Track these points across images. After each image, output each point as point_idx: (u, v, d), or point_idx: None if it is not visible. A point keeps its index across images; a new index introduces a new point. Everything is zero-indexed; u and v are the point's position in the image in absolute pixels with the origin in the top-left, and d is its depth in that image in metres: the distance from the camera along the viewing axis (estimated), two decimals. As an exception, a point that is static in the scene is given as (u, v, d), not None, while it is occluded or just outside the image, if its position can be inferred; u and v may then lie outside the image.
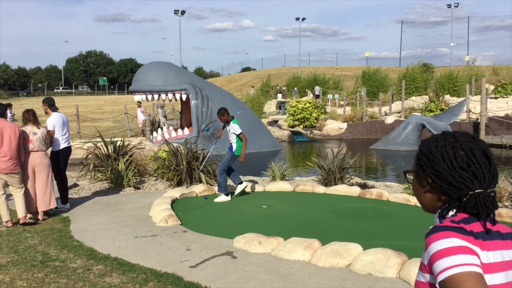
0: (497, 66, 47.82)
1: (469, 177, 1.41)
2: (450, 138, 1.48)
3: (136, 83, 15.47)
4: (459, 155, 1.43)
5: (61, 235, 6.23)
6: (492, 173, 1.43)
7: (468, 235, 1.33)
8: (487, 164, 1.44)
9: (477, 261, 1.29)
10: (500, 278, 1.36)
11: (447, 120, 17.72)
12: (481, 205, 1.37)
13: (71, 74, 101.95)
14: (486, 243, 1.36)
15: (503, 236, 1.43)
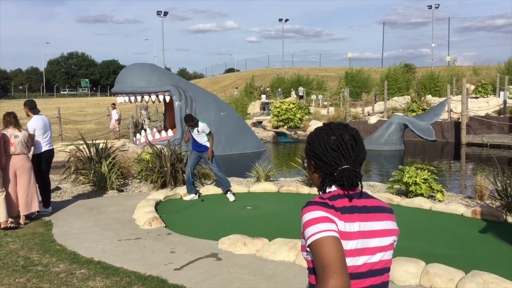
0: (478, 66, 48.53)
1: (338, 157, 1.74)
2: (326, 127, 1.82)
3: (118, 85, 15.35)
4: (331, 139, 1.76)
5: (43, 239, 6.15)
6: (357, 153, 1.75)
7: (330, 208, 1.64)
8: (354, 146, 1.75)
9: (335, 228, 1.60)
10: (354, 244, 1.63)
11: (429, 120, 17.93)
12: (346, 177, 1.70)
13: (53, 76, 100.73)
14: (345, 215, 1.65)
15: (368, 209, 1.71)
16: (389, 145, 17.90)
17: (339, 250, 1.54)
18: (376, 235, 1.68)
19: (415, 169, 8.46)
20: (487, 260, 5.09)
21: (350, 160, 1.74)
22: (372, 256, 1.67)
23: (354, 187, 1.74)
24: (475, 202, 8.08)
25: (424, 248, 5.50)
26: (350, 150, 1.75)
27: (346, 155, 1.74)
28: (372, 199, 1.77)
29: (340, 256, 1.52)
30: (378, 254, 1.68)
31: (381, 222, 1.72)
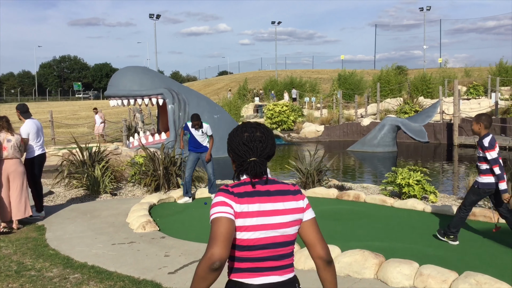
0: (469, 68, 48.82)
1: (247, 150, 2.05)
2: (242, 126, 2.13)
3: (111, 88, 15.30)
4: (244, 136, 2.07)
5: (37, 243, 6.11)
6: (263, 148, 2.07)
7: (230, 194, 1.97)
8: (262, 142, 2.07)
9: (228, 210, 1.94)
10: (253, 221, 1.96)
11: (421, 121, 18.03)
12: (251, 168, 2.02)
13: (45, 80, 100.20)
14: (243, 199, 1.97)
15: (270, 193, 2.03)
16: (382, 147, 17.96)
17: (226, 227, 1.90)
18: (277, 214, 2.00)
19: (408, 170, 8.50)
20: (480, 261, 5.12)
21: (257, 154, 2.06)
22: (274, 230, 1.99)
23: (259, 176, 2.06)
24: (468, 203, 8.12)
25: (417, 249, 5.53)
26: (258, 145, 2.06)
27: (254, 149, 2.06)
28: (277, 184, 2.08)
29: (225, 233, 1.89)
30: (280, 229, 2.00)
31: (282, 203, 2.03)
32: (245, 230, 1.96)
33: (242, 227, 1.96)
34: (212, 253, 1.85)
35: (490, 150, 5.37)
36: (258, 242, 1.97)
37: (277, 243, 2.00)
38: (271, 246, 1.99)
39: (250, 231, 1.97)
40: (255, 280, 1.99)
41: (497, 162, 5.34)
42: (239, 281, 2.02)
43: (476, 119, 5.62)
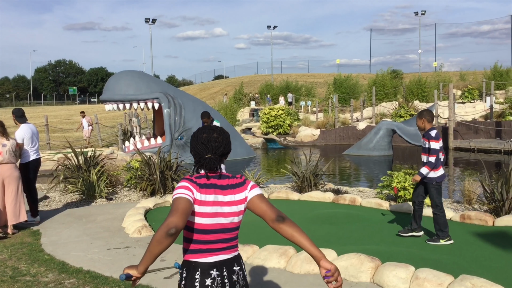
0: (464, 71, 49.03)
1: (204, 148, 2.42)
2: (201, 128, 2.49)
3: (107, 92, 15.28)
4: (202, 136, 2.44)
5: (32, 248, 6.08)
6: (217, 147, 2.42)
7: (193, 182, 2.34)
8: (217, 141, 2.43)
9: (189, 194, 2.29)
10: (209, 209, 2.34)
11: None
12: (207, 163, 2.39)
13: (40, 84, 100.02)
14: (203, 189, 2.34)
15: (223, 187, 2.40)
16: (378, 151, 18.00)
17: (185, 205, 2.24)
18: (228, 204, 2.39)
19: (403, 174, 8.52)
20: (476, 264, 5.13)
21: (212, 151, 2.42)
22: (226, 218, 2.38)
23: (214, 171, 2.42)
24: (463, 206, 8.15)
25: (413, 253, 5.54)
26: (214, 145, 2.43)
27: (210, 147, 2.42)
28: (228, 179, 2.45)
29: (183, 208, 2.22)
30: (230, 217, 2.39)
31: (233, 195, 2.41)
32: (201, 216, 2.34)
33: (199, 213, 2.34)
34: (171, 221, 2.17)
35: (435, 140, 5.74)
36: (211, 227, 2.36)
37: (226, 228, 2.40)
38: (221, 231, 2.38)
39: (205, 217, 2.35)
40: (207, 259, 2.37)
41: (437, 153, 5.74)
42: (194, 260, 2.38)
43: (419, 115, 5.94)
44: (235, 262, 2.44)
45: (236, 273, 2.43)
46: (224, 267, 2.39)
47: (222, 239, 2.40)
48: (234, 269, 2.42)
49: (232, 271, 2.41)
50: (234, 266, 2.43)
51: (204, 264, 2.37)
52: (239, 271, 2.45)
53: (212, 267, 2.37)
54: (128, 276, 2.28)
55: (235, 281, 2.41)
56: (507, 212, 7.10)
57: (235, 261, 2.45)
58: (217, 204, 2.36)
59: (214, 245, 2.38)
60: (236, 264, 2.45)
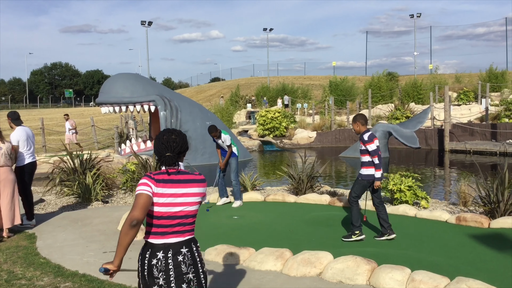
0: (460, 74, 49.21)
1: (165, 148, 2.83)
2: (163, 131, 2.91)
3: (103, 95, 15.25)
4: (162, 138, 2.86)
5: (27, 252, 6.06)
6: (175, 147, 2.84)
7: (151, 179, 2.75)
8: (175, 142, 2.85)
9: (148, 189, 2.71)
10: (166, 200, 2.75)
11: (412, 127, 18.12)
12: (166, 161, 2.82)
13: (36, 87, 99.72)
14: (160, 184, 2.74)
15: (181, 181, 2.81)
16: (374, 153, 18.01)
17: (144, 200, 2.69)
18: (183, 196, 2.80)
19: (399, 176, 8.54)
20: (471, 266, 5.14)
21: (171, 150, 2.84)
22: (180, 207, 2.78)
23: (173, 167, 2.85)
24: (459, 208, 8.17)
25: (409, 255, 5.54)
26: (172, 145, 2.84)
27: (169, 147, 2.84)
28: (186, 175, 2.86)
29: (143, 203, 2.68)
30: (183, 207, 2.80)
31: (188, 189, 2.82)
32: (159, 205, 2.75)
33: (158, 203, 2.75)
34: (133, 214, 2.65)
35: (369, 143, 6.03)
36: (167, 215, 2.77)
37: (180, 216, 2.79)
38: (176, 217, 2.78)
39: (162, 207, 2.76)
40: (158, 241, 2.77)
41: (376, 153, 6.02)
42: (148, 241, 2.80)
43: (353, 120, 6.28)
44: (183, 245, 2.79)
45: (183, 254, 2.77)
46: (170, 249, 2.76)
47: (177, 225, 2.79)
48: (181, 251, 2.77)
49: (178, 252, 2.77)
50: (181, 248, 2.77)
51: (155, 245, 2.77)
52: (187, 252, 2.79)
53: (160, 249, 2.75)
54: (106, 270, 2.71)
55: (180, 261, 2.76)
56: (503, 214, 7.12)
57: (184, 244, 2.79)
58: (173, 196, 2.78)
59: (168, 229, 2.78)
60: (185, 247, 2.79)
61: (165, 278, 2.72)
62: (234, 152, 8.70)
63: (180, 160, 2.91)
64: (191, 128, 15.68)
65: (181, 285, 2.74)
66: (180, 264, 2.74)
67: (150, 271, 2.74)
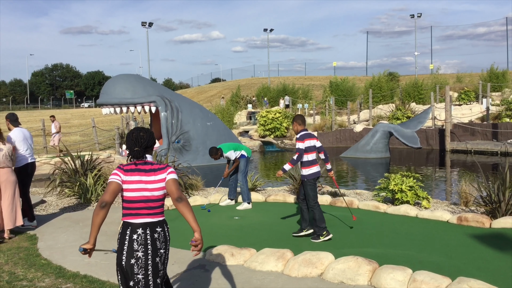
0: (461, 74, 49.16)
1: (133, 143, 3.32)
2: (132, 129, 3.41)
3: (104, 96, 15.26)
4: (132, 135, 3.36)
5: (28, 253, 6.06)
6: (142, 142, 3.33)
7: (121, 169, 3.27)
8: (143, 138, 3.34)
9: (118, 178, 3.23)
10: (134, 186, 3.25)
11: (413, 127, 18.11)
12: (134, 154, 3.33)
13: (37, 88, 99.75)
14: (128, 173, 3.26)
15: (146, 170, 3.30)
16: (375, 153, 18.02)
17: (113, 186, 3.22)
18: (149, 183, 3.28)
19: (400, 176, 8.53)
20: (473, 267, 5.14)
21: (139, 145, 3.34)
22: (147, 192, 3.27)
23: (141, 159, 3.35)
24: (460, 208, 8.16)
25: (410, 255, 5.54)
26: (140, 140, 3.35)
27: (137, 143, 3.34)
28: (152, 165, 3.35)
29: (112, 188, 3.20)
30: (150, 192, 3.27)
31: (153, 176, 3.30)
32: (128, 191, 3.27)
33: (128, 189, 3.26)
34: (103, 198, 3.16)
35: (299, 141, 6.33)
36: (136, 199, 3.27)
37: (148, 200, 3.28)
38: (145, 201, 3.27)
39: (131, 192, 3.27)
40: (135, 221, 3.26)
41: (299, 151, 6.32)
42: (126, 221, 3.29)
43: (292, 120, 6.61)
44: (158, 225, 3.30)
45: (158, 232, 3.29)
46: (148, 227, 3.26)
47: (146, 207, 3.28)
48: (157, 230, 3.28)
49: (154, 230, 3.28)
50: (157, 228, 3.29)
51: (133, 224, 3.25)
52: (161, 231, 3.31)
53: (139, 226, 3.24)
54: (84, 249, 3.12)
55: (156, 238, 3.28)
56: (504, 214, 7.11)
57: (158, 224, 3.30)
58: (140, 183, 3.27)
59: (140, 211, 3.27)
60: (159, 227, 3.30)
61: (143, 251, 3.21)
62: (243, 154, 8.56)
63: (147, 153, 3.40)
64: (191, 129, 15.69)
65: (155, 259, 3.24)
66: (155, 241, 3.26)
67: (131, 245, 3.21)
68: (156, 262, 3.23)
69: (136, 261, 3.18)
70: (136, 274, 3.19)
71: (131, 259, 3.18)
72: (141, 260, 3.19)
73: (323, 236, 6.31)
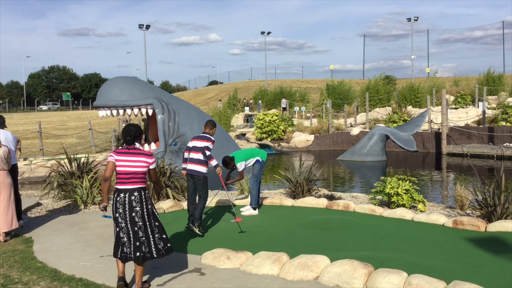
0: (458, 77, 49.30)
1: (126, 134, 4.86)
2: (127, 125, 4.93)
3: (100, 98, 15.23)
4: (126, 129, 4.88)
5: (24, 256, 6.05)
6: (132, 134, 4.85)
7: (115, 152, 4.84)
8: (132, 131, 4.85)
9: (112, 158, 4.77)
10: (122, 163, 4.75)
11: (410, 130, 18.15)
12: (127, 141, 4.85)
13: (33, 90, 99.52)
14: (120, 154, 4.78)
15: (134, 153, 4.79)
16: (372, 156, 18.05)
17: (110, 164, 4.73)
18: (134, 161, 4.72)
19: (396, 180, 8.55)
20: (468, 270, 5.15)
21: (130, 135, 4.83)
22: (132, 168, 4.71)
23: (131, 146, 4.83)
24: (456, 212, 8.18)
25: (406, 258, 5.55)
26: (131, 132, 4.83)
27: (129, 133, 4.82)
28: (139, 150, 4.80)
29: (110, 166, 4.74)
30: (134, 168, 4.71)
31: (138, 157, 4.75)
32: (120, 166, 4.74)
33: (119, 165, 4.73)
34: (104, 174, 4.72)
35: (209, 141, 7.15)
36: (123, 172, 4.73)
37: (132, 173, 4.72)
38: (129, 174, 4.72)
39: (121, 167, 4.73)
40: (121, 187, 4.73)
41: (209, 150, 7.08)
42: (118, 187, 4.74)
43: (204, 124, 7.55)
44: (135, 191, 4.73)
45: (134, 196, 4.72)
46: (128, 192, 4.72)
47: (129, 178, 4.73)
48: (134, 194, 4.72)
49: (132, 194, 4.73)
50: (134, 192, 4.72)
51: (119, 189, 4.74)
52: (137, 195, 4.73)
53: (122, 191, 4.73)
54: (104, 206, 4.91)
55: (132, 199, 4.71)
56: (499, 217, 7.13)
57: (136, 190, 4.73)
58: (128, 161, 4.74)
59: (125, 181, 4.74)
60: (136, 192, 4.74)
61: (123, 208, 4.70)
62: (258, 159, 8.34)
63: (136, 141, 4.87)
64: (188, 132, 15.68)
65: (132, 213, 4.69)
66: (132, 201, 4.71)
67: (116, 204, 4.72)
68: (132, 215, 4.69)
69: (119, 214, 4.71)
70: (120, 222, 4.71)
71: (116, 213, 4.72)
72: (122, 214, 4.69)
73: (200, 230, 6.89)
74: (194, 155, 7.12)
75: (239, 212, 8.42)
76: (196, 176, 7.07)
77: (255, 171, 8.36)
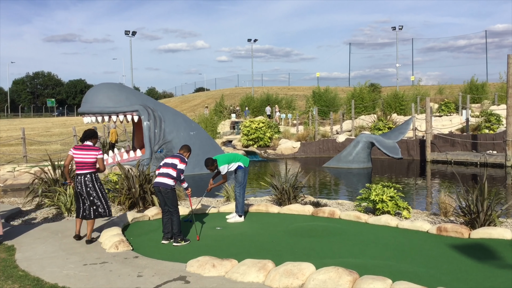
0: (442, 85, 49.95)
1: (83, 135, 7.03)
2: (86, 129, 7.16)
3: (85, 105, 15.12)
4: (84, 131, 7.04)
5: (6, 264, 5.95)
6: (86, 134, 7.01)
7: (73, 148, 6.96)
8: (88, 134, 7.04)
9: (71, 153, 6.95)
10: (78, 156, 6.89)
11: (394, 138, 18.30)
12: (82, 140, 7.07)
13: (18, 96, 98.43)
14: (76, 150, 6.90)
15: (85, 149, 6.90)
16: (357, 163, 18.15)
17: (68, 157, 7.03)
18: (86, 154, 6.88)
19: (381, 187, 8.60)
20: (452, 277, 5.19)
21: (83, 137, 6.98)
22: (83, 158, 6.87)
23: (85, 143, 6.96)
24: (440, 219, 8.25)
25: (390, 265, 5.58)
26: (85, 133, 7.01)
27: (84, 135, 6.99)
28: (89, 146, 6.92)
29: (69, 158, 7.02)
30: (85, 159, 6.88)
31: (88, 151, 6.89)
32: (76, 158, 6.85)
33: (75, 157, 6.85)
34: (65, 162, 7.06)
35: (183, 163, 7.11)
36: (78, 161, 6.84)
37: (84, 162, 6.83)
38: (81, 163, 6.84)
39: (77, 158, 6.84)
40: (78, 172, 6.85)
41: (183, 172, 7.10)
42: (76, 172, 6.84)
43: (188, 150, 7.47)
44: (87, 174, 6.80)
45: (87, 177, 6.81)
46: (82, 175, 6.80)
47: (82, 166, 6.78)
48: (86, 176, 6.80)
49: (85, 177, 6.80)
50: (86, 176, 6.79)
51: (77, 173, 6.80)
52: (89, 177, 6.82)
53: (79, 175, 6.79)
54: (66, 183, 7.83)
55: (85, 180, 6.80)
56: (483, 224, 7.21)
57: (87, 174, 6.81)
58: (81, 154, 6.77)
59: (80, 168, 6.79)
60: (88, 175, 6.81)
61: (79, 187, 6.80)
62: (240, 165, 8.30)
63: (88, 140, 6.88)
64: (174, 138, 15.63)
65: (87, 189, 6.81)
66: (86, 181, 6.80)
67: (76, 183, 6.79)
68: (87, 190, 6.82)
69: (79, 190, 6.82)
70: (81, 196, 6.85)
71: (77, 189, 6.83)
72: (80, 189, 6.81)
73: (182, 240, 6.93)
74: (163, 169, 7.09)
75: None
76: (164, 189, 6.99)
77: (240, 179, 8.33)
